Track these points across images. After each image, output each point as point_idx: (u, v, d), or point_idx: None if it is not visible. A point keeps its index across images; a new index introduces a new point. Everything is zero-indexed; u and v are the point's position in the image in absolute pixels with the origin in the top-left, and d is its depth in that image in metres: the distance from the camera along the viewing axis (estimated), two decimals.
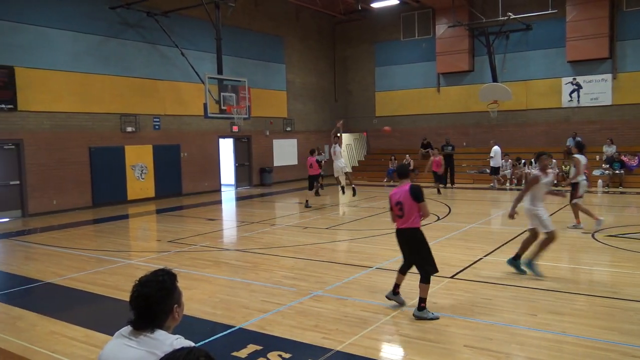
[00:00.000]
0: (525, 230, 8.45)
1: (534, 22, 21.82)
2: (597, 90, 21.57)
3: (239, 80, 18.95)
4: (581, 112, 21.98)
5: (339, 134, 16.41)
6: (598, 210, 15.32)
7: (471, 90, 23.37)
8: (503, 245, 9.86)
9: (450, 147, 21.77)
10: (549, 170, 7.84)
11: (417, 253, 6.15)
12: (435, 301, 6.58)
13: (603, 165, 20.00)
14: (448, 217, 13.53)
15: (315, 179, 16.78)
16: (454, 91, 24.73)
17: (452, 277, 7.70)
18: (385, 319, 6.02)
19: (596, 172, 19.88)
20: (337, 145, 16.16)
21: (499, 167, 20.60)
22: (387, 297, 6.44)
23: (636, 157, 19.91)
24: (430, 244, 5.96)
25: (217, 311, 6.46)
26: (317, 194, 17.92)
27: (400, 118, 26.21)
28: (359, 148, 28.93)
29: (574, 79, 21.97)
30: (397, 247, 9.82)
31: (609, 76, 21.30)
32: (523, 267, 7.73)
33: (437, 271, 6.09)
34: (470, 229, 11.76)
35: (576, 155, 11.30)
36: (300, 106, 25.71)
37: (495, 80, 22.34)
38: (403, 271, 6.42)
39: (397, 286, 6.41)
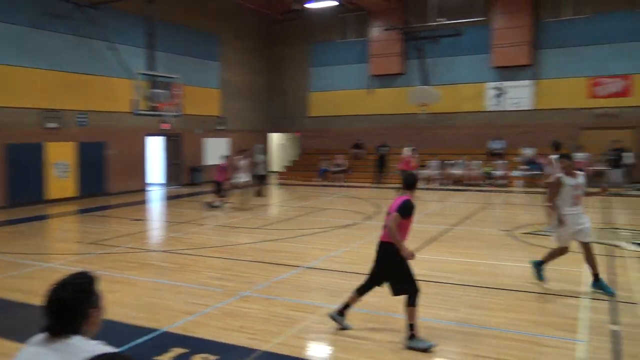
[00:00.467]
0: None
1: (463, 29, 22.66)
2: (520, 95, 22.69)
3: (172, 77, 18.50)
4: (504, 116, 23.04)
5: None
6: (519, 208, 16.14)
7: (403, 93, 23.95)
8: (429, 242, 10.16)
9: (384, 148, 22.34)
10: (577, 173, 7.10)
11: (394, 271, 5.38)
12: (364, 299, 6.68)
13: (522, 166, 21.05)
14: (377, 216, 13.79)
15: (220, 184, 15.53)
16: (387, 93, 25.27)
17: None
18: (314, 318, 6.05)
19: (515, 173, 20.93)
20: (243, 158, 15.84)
21: None
22: (330, 316, 5.70)
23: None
24: (357, 243, 6.04)
25: (141, 314, 6.26)
26: (259, 195, 17.74)
27: (335, 119, 26.48)
28: (292, 148, 28.97)
29: (499, 84, 23.02)
30: (327, 247, 9.94)
31: (529, 82, 22.47)
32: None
33: (418, 290, 5.30)
34: None
35: (550, 156, 11.40)
36: (235, 105, 25.43)
37: (425, 83, 23.03)
38: (361, 291, 5.65)
39: (346, 306, 5.66)
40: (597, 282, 6.79)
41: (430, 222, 12.93)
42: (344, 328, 5.61)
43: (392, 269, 5.38)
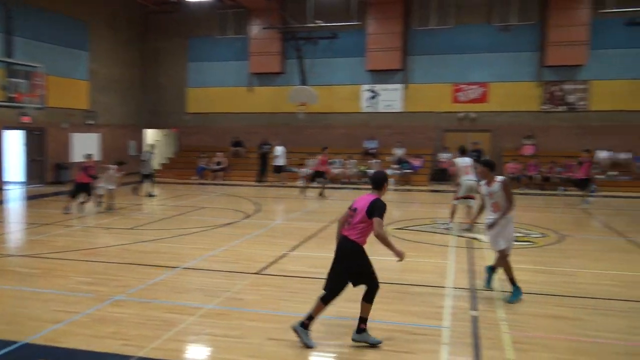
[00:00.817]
0: None
1: (340, 32, 23.38)
2: (391, 98, 23.97)
3: (33, 66, 16.98)
4: (377, 117, 24.20)
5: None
6: (392, 205, 17.04)
7: (282, 92, 24.17)
8: (306, 240, 10.38)
9: (267, 146, 22.40)
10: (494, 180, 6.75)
11: (359, 269, 5.33)
12: (241, 297, 6.68)
13: (393, 165, 22.27)
14: (257, 214, 13.82)
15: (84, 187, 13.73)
16: (266, 91, 25.34)
17: (258, 273, 7.88)
18: (192, 319, 5.92)
19: (388, 172, 22.10)
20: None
21: (282, 166, 21.57)
22: (293, 328, 5.26)
23: (419, 159, 22.59)
24: (236, 242, 6.04)
25: (1, 326, 5.70)
26: (136, 194, 16.88)
27: (214, 116, 26.02)
28: (169, 145, 27.97)
29: (373, 86, 24.12)
30: (206, 246, 9.77)
31: (401, 86, 23.82)
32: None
33: (379, 287, 5.35)
34: (276, 226, 12.16)
35: (455, 159, 11.98)
36: (105, 98, 23.97)
37: (304, 83, 23.46)
38: (326, 300, 5.33)
39: (310, 318, 5.28)
40: (515, 287, 6.62)
41: (310, 219, 13.23)
42: (307, 345, 5.17)
43: (358, 267, 5.33)
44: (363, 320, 5.27)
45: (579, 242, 10.54)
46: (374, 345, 5.20)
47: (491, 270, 7.05)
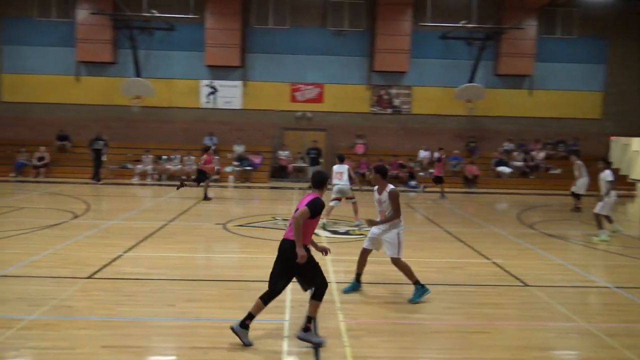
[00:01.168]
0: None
1: (177, 24, 22.64)
2: (230, 94, 23.91)
3: None
4: (216, 113, 23.97)
5: None
6: (232, 202, 17.04)
7: (115, 83, 22.72)
8: (143, 240, 9.96)
9: (101, 142, 20.69)
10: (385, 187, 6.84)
11: (303, 266, 5.23)
12: (70, 304, 6.21)
13: (234, 162, 22.28)
14: (86, 214, 12.87)
15: None
16: (96, 82, 23.61)
17: (89, 277, 7.37)
18: (10, 333, 5.35)
19: (228, 169, 22.06)
20: None
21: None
22: (232, 329, 5.20)
23: (260, 156, 22.91)
24: (64, 244, 5.61)
25: None
26: None
27: (34, 106, 23.53)
28: None
29: (211, 82, 23.81)
30: (27, 250, 8.85)
31: (240, 83, 23.87)
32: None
33: (327, 285, 5.37)
34: (110, 226, 11.47)
35: (334, 166, 12.34)
36: None
37: (138, 75, 22.30)
38: (266, 299, 5.33)
39: (251, 317, 5.26)
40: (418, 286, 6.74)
41: (145, 218, 12.69)
42: (245, 344, 5.15)
43: (301, 265, 5.21)
44: (309, 319, 5.30)
45: (404, 234, 11.56)
46: (318, 345, 5.19)
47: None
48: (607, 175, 11.34)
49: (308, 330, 5.28)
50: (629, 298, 7.15)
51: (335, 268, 8.22)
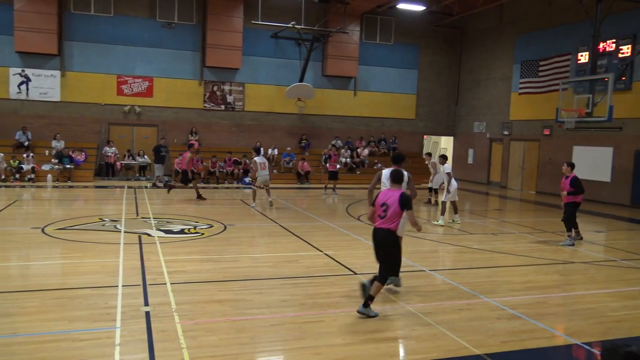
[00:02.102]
0: None
1: None
2: (47, 85, 21.70)
3: None
4: (30, 105, 21.61)
5: None
6: (51, 203, 15.53)
7: None
8: None
9: None
10: None
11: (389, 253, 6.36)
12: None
13: (53, 160, 20.31)
14: None
15: None
16: None
17: None
18: None
19: (45, 167, 20.03)
20: None
21: None
22: (360, 312, 6.19)
23: (83, 153, 21.19)
24: None
25: None
26: None
27: None
28: None
29: (23, 70, 21.37)
30: None
31: (57, 72, 21.77)
32: None
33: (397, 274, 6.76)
34: None
35: (254, 158, 15.04)
36: None
37: None
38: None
39: (371, 298, 6.24)
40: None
41: None
42: (372, 315, 6.17)
43: (389, 251, 6.40)
44: (370, 298, 6.20)
45: (240, 230, 11.65)
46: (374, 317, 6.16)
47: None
48: (446, 167, 13.43)
49: (367, 306, 6.19)
50: (442, 279, 8.08)
51: (170, 269, 7.98)
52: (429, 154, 14.35)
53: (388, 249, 6.34)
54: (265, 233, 11.48)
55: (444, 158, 13.95)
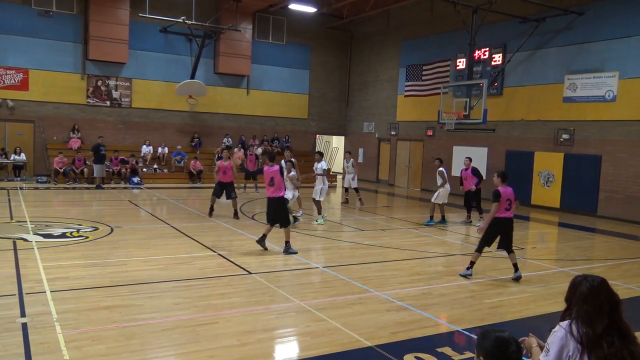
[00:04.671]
0: None
1: None
2: None
3: None
4: None
5: None
6: None
7: None
8: None
9: None
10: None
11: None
12: None
13: None
14: None
15: None
16: None
17: None
18: None
19: None
20: None
21: None
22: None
23: None
24: None
25: None
26: None
27: None
28: None
29: None
30: None
31: None
32: None
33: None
34: None
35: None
36: None
37: None
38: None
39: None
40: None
41: None
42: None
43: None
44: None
45: (128, 232, 11.13)
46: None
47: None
48: (322, 164, 13.87)
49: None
50: (335, 275, 8.29)
51: (50, 276, 7.45)
52: (319, 153, 14.55)
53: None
54: (155, 235, 11.06)
55: (320, 154, 14.24)
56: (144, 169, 21.86)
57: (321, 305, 6.72)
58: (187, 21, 21.43)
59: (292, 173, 12.41)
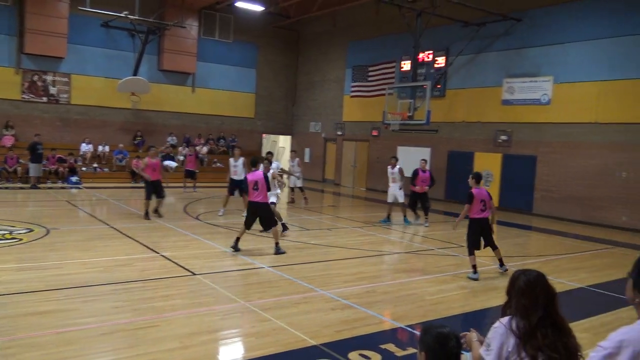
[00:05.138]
0: None
1: None
2: None
3: None
4: None
5: None
6: None
7: None
8: None
9: None
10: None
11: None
12: None
13: None
14: None
15: None
16: None
17: None
18: None
19: None
20: None
21: None
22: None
23: None
24: None
25: None
26: None
27: None
28: None
29: None
30: None
31: None
32: None
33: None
34: None
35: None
36: None
37: None
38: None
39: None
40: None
41: None
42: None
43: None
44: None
45: (65, 234, 10.70)
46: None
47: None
48: (277, 164, 14.07)
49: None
50: (280, 275, 8.28)
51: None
52: (270, 153, 14.29)
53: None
54: (94, 236, 10.69)
55: (269, 154, 14.07)
56: (83, 168, 21.11)
57: (266, 305, 6.69)
58: (129, 16, 20.82)
59: (272, 171, 11.83)
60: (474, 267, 8.63)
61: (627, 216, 15.25)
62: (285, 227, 11.85)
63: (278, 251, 9.66)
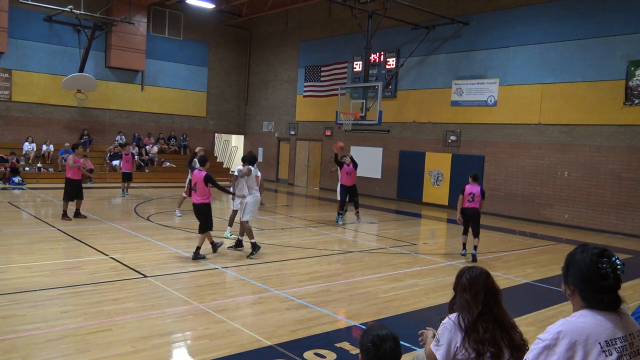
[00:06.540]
0: None
1: None
2: None
3: None
4: None
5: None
6: None
7: None
8: None
9: None
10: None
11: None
12: None
13: None
14: None
15: None
16: None
17: None
18: None
19: None
20: None
21: None
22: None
23: None
24: None
25: None
26: None
27: None
28: None
29: None
30: None
31: None
32: None
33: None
34: None
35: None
36: None
37: None
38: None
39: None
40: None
41: None
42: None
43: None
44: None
45: (8, 237, 10.26)
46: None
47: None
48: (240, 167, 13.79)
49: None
50: (235, 276, 8.22)
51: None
52: (251, 152, 13.33)
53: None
54: (40, 238, 10.30)
55: (247, 159, 13.00)
56: (26, 168, 20.28)
57: (220, 306, 6.64)
58: (74, 10, 20.14)
59: (255, 173, 10.42)
60: (464, 245, 10.66)
61: (568, 214, 15.95)
62: (240, 244, 10.31)
63: (197, 256, 9.10)
